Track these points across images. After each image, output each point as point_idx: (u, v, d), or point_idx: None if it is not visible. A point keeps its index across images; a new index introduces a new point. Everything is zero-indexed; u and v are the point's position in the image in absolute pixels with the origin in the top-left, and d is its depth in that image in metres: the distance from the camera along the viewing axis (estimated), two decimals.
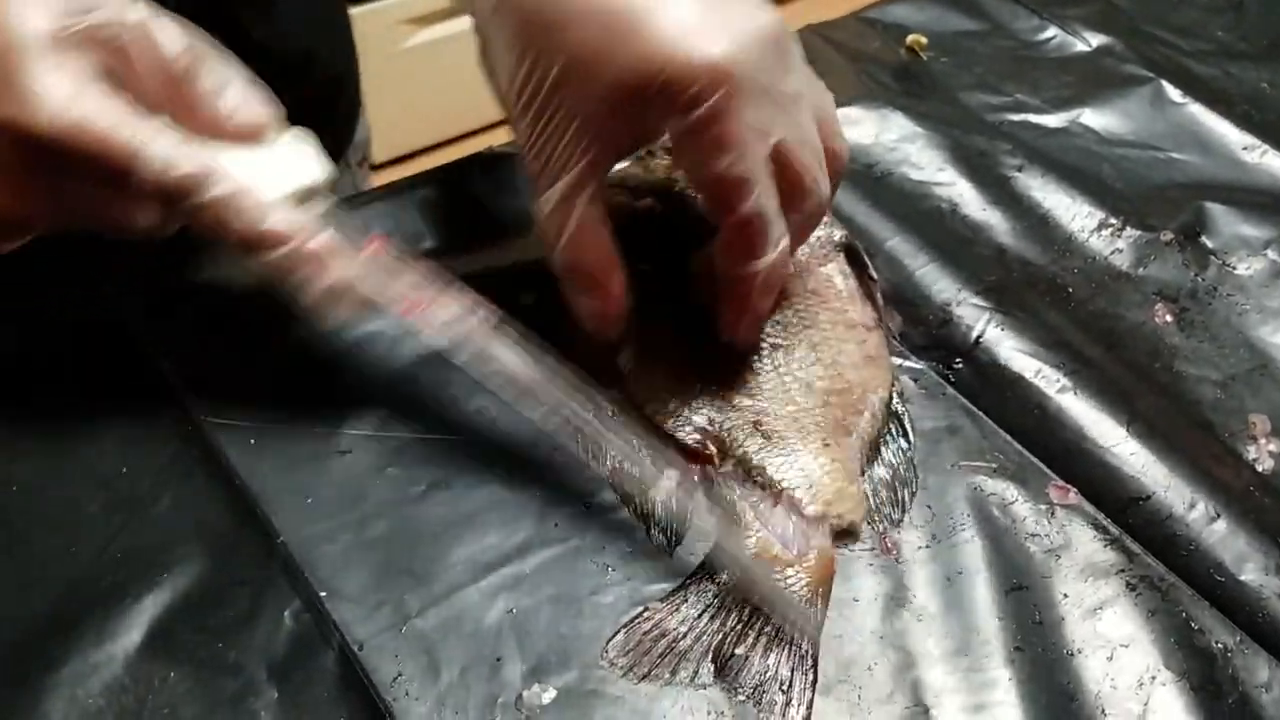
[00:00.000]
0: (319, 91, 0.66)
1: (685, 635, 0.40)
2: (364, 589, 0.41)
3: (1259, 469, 0.48)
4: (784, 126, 0.41)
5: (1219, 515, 0.45)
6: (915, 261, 0.54)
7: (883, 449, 0.46)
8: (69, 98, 0.36)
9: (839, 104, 0.48)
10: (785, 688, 0.38)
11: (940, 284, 0.53)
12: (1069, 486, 0.46)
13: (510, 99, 0.42)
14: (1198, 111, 0.65)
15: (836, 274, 0.49)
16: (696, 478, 0.44)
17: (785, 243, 0.42)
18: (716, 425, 0.45)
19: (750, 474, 0.44)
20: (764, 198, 0.40)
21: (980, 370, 0.50)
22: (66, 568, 0.41)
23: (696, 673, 0.39)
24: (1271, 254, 0.57)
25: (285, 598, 0.40)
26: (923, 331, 0.52)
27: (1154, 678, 0.40)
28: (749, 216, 0.40)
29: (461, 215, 0.56)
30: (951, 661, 0.40)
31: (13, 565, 0.41)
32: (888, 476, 0.46)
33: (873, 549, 0.44)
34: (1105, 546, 0.44)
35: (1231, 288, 0.56)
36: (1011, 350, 0.51)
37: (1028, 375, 0.50)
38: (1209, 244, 0.58)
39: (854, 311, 0.49)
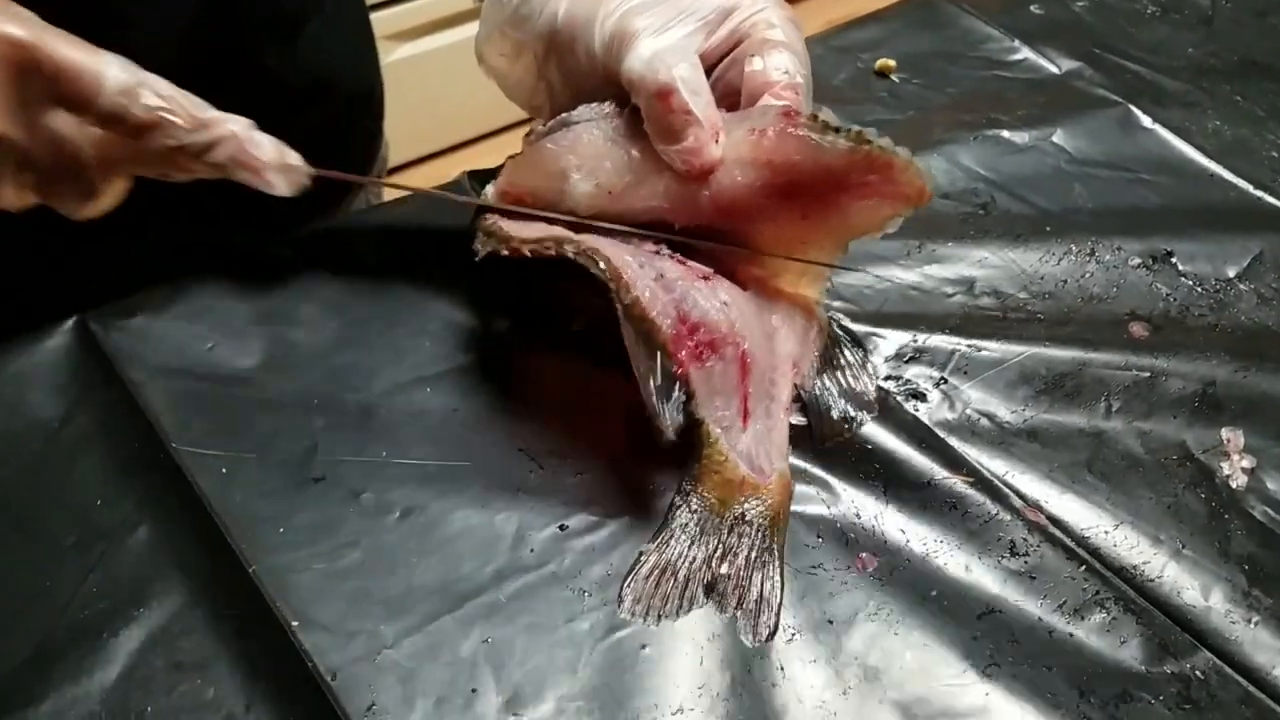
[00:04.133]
0: (338, 112, 0.66)
1: (680, 566, 0.44)
2: (337, 618, 0.41)
3: (1233, 485, 0.48)
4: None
5: (1186, 544, 0.46)
6: (886, 295, 0.55)
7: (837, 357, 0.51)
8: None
9: None
10: (759, 595, 0.43)
11: (911, 317, 0.54)
12: (1039, 512, 0.46)
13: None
14: (1166, 136, 0.66)
15: None
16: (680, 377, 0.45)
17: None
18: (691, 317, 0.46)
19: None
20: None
21: (949, 402, 0.51)
22: (45, 603, 0.41)
23: (695, 596, 0.43)
24: (1241, 273, 0.58)
25: (260, 630, 0.40)
26: (894, 364, 0.52)
27: (1130, 697, 0.41)
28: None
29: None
30: (928, 677, 0.41)
31: None
32: (842, 380, 0.50)
33: (848, 567, 0.44)
34: (1078, 568, 0.45)
35: (1203, 307, 0.56)
36: (980, 381, 0.51)
37: (996, 406, 0.50)
38: (1179, 265, 0.58)
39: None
